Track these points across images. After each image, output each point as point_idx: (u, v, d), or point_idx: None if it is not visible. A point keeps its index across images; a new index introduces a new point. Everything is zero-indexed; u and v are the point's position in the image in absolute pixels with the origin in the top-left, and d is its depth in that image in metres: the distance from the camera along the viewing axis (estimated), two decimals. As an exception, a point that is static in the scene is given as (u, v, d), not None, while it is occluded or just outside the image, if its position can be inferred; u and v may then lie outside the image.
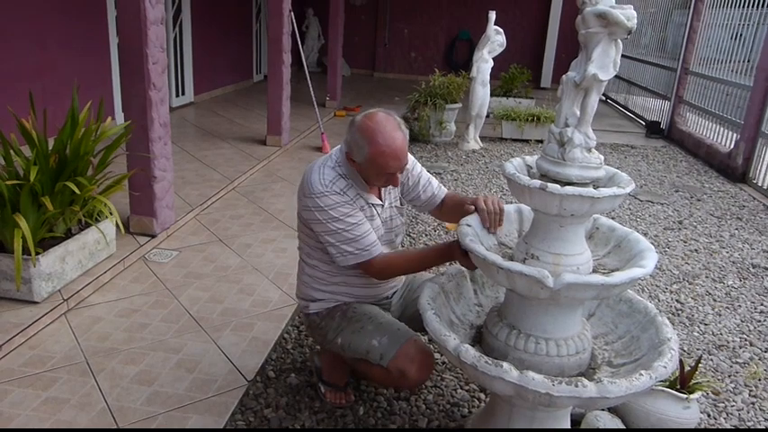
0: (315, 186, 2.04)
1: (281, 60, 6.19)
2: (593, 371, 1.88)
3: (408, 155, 2.28)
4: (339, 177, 2.08)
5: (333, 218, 2.02)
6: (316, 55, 13.18)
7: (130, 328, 2.89)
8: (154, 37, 3.54)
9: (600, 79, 1.64)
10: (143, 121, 3.62)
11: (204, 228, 4.21)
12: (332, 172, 2.08)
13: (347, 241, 2.05)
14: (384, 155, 1.96)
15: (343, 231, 2.04)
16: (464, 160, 6.41)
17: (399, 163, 2.00)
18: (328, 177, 2.06)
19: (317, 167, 2.10)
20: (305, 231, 2.20)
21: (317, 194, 2.03)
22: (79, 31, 5.94)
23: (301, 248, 2.31)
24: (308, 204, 2.06)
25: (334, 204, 2.02)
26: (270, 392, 2.46)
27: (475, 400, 2.47)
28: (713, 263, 4.04)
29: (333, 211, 2.02)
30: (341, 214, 2.03)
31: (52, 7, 5.54)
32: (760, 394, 2.64)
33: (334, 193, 2.04)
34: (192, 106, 8.41)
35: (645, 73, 9.70)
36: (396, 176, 2.05)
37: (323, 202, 2.03)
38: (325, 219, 2.03)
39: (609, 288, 1.64)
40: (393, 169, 2.01)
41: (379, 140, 1.95)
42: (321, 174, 2.07)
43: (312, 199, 2.04)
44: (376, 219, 2.18)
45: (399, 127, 2.01)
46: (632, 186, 1.74)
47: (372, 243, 2.07)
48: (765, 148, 5.99)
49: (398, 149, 1.97)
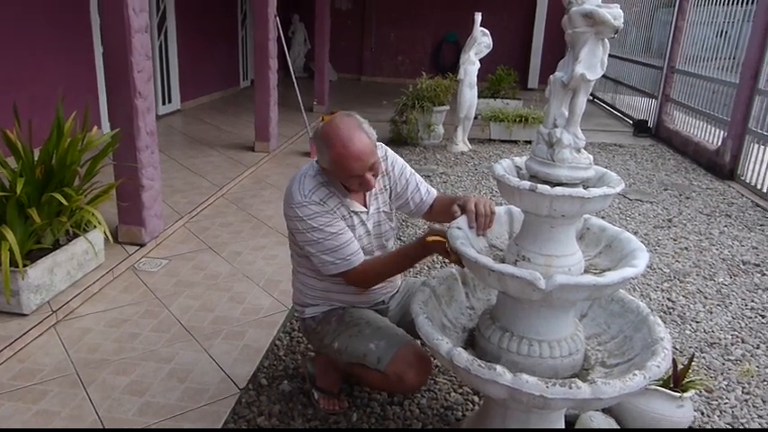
0: (294, 197, 2.03)
1: (267, 66, 6.17)
2: (587, 372, 1.88)
3: (397, 160, 2.27)
4: (320, 186, 2.06)
5: (311, 227, 2.01)
6: (302, 60, 13.17)
7: (121, 338, 2.86)
8: (138, 45, 3.51)
9: (587, 79, 1.64)
10: (129, 129, 3.60)
11: (193, 236, 4.18)
12: (312, 181, 2.06)
13: (326, 251, 2.03)
14: (343, 157, 1.92)
15: (323, 241, 2.02)
16: (453, 162, 6.41)
17: (362, 163, 1.94)
18: (308, 187, 2.04)
19: (298, 177, 2.09)
20: (293, 240, 2.19)
21: (296, 205, 2.02)
22: (64, 41, 5.89)
23: (292, 257, 2.30)
24: (290, 214, 2.06)
25: (312, 214, 2.01)
26: (262, 400, 2.44)
27: (469, 403, 2.46)
28: (703, 260, 4.06)
29: (311, 221, 2.01)
30: (319, 224, 2.01)
31: (36, 17, 5.49)
32: (753, 391, 2.64)
33: (313, 203, 2.02)
34: (178, 114, 8.37)
35: (632, 72, 9.76)
36: (365, 178, 1.98)
37: (302, 212, 2.01)
38: (304, 228, 2.02)
39: (601, 288, 1.64)
40: (357, 171, 1.95)
41: (337, 143, 1.92)
42: (301, 184, 2.05)
43: (292, 209, 2.03)
44: (358, 227, 2.15)
45: (360, 127, 1.97)
46: (622, 186, 1.74)
47: (353, 253, 2.04)
48: (752, 145, 6.03)
49: (358, 150, 1.92)
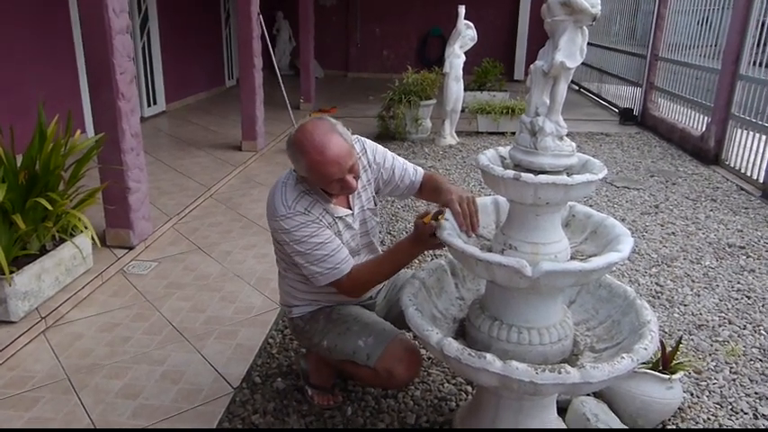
0: (278, 209, 1.99)
1: (251, 64, 6.15)
2: (576, 357, 1.90)
3: (377, 148, 2.24)
4: (303, 195, 2.02)
5: (297, 240, 1.98)
6: (288, 58, 13.12)
7: (112, 342, 2.86)
8: (120, 46, 3.49)
9: (567, 67, 1.65)
10: (114, 132, 3.57)
11: (183, 237, 4.17)
12: (294, 191, 2.02)
13: (315, 262, 2.00)
14: (320, 163, 1.88)
15: (311, 252, 1.99)
16: (441, 156, 6.42)
17: (341, 167, 1.89)
18: (291, 197, 2.00)
19: (279, 186, 2.04)
20: (278, 247, 2.17)
21: (280, 217, 1.98)
22: (44, 45, 5.85)
23: (278, 262, 2.28)
24: (275, 227, 2.03)
25: (298, 225, 1.97)
26: (257, 398, 2.44)
27: (462, 393, 2.48)
28: (690, 245, 4.10)
29: (297, 233, 1.98)
30: (305, 235, 1.98)
31: (14, 21, 5.44)
32: (740, 370, 2.68)
33: (299, 214, 1.98)
34: (164, 115, 8.32)
35: (616, 61, 9.79)
36: (347, 181, 1.94)
37: (287, 224, 1.98)
38: (291, 240, 1.99)
39: (587, 274, 1.65)
40: (337, 175, 1.90)
41: (311, 150, 1.87)
42: (283, 194, 2.01)
43: (276, 221, 2.00)
44: (344, 232, 2.13)
45: (333, 129, 1.91)
46: (605, 172, 1.75)
47: (342, 260, 2.01)
48: (736, 130, 6.08)
49: (334, 155, 1.87)
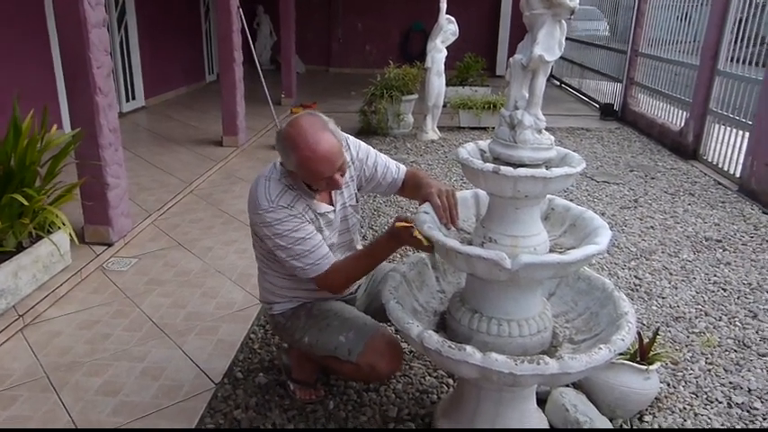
0: (261, 203, 1.98)
1: (231, 59, 6.10)
2: (555, 349, 1.92)
3: (360, 144, 2.24)
4: (286, 190, 2.02)
5: (278, 234, 1.98)
6: (269, 53, 13.04)
7: (92, 339, 2.83)
8: (96, 40, 3.44)
9: (546, 60, 1.66)
10: (91, 127, 3.53)
11: (163, 233, 4.13)
12: (278, 185, 2.02)
13: (296, 256, 2.00)
14: (311, 160, 1.88)
15: (292, 246, 1.99)
16: (423, 151, 6.44)
17: (331, 165, 1.91)
18: (274, 192, 2.00)
19: (262, 181, 2.03)
20: (258, 243, 2.17)
21: (262, 210, 1.98)
22: (17, 40, 5.74)
23: (257, 258, 2.27)
24: (256, 221, 2.02)
25: (279, 219, 1.97)
26: (239, 393, 2.44)
27: (443, 385, 2.49)
28: (668, 238, 4.16)
29: (278, 227, 1.97)
30: (287, 230, 1.98)
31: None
32: (716, 361, 2.73)
33: (281, 208, 1.98)
34: (143, 111, 8.23)
35: (597, 56, 9.88)
36: (335, 179, 1.95)
37: (269, 217, 1.97)
38: (272, 234, 1.99)
39: (565, 266, 1.67)
40: (326, 173, 1.91)
41: (302, 146, 1.87)
42: (267, 188, 2.00)
43: (259, 215, 1.99)
44: (325, 229, 2.13)
45: (325, 127, 1.92)
46: (583, 165, 1.77)
47: (322, 257, 2.01)
48: (714, 125, 6.16)
49: (326, 152, 1.88)
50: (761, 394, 2.50)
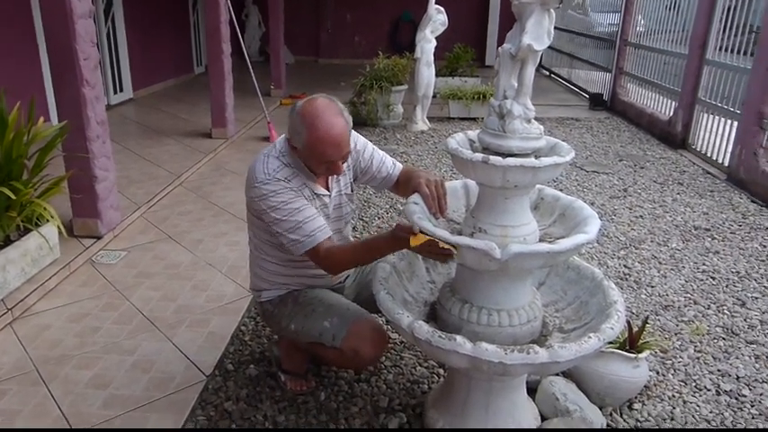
0: (258, 176, 2.01)
1: (220, 50, 6.05)
2: (545, 338, 1.93)
3: (359, 137, 2.26)
4: (283, 166, 2.04)
5: (274, 206, 1.99)
6: (258, 44, 12.94)
7: (82, 333, 2.81)
8: (83, 31, 3.40)
9: (535, 49, 1.66)
10: (78, 120, 3.49)
11: (152, 226, 4.11)
12: (276, 161, 2.04)
13: (292, 229, 2.00)
14: (322, 141, 1.91)
15: (287, 218, 1.99)
16: (413, 141, 6.43)
17: (339, 151, 1.95)
18: (272, 166, 2.02)
19: (261, 158, 2.07)
20: (255, 223, 2.17)
21: (259, 182, 1.99)
22: (2, 31, 5.66)
23: (251, 241, 2.28)
24: (253, 195, 2.03)
25: (275, 192, 1.98)
26: (229, 385, 2.43)
27: (434, 375, 2.50)
28: (657, 227, 4.18)
29: (274, 198, 1.98)
30: (282, 201, 1.98)
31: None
32: (704, 349, 2.75)
33: (277, 181, 2.00)
34: (131, 103, 8.16)
35: (586, 47, 9.88)
36: (337, 164, 2.00)
37: (266, 189, 1.99)
38: (267, 207, 2.00)
39: (555, 255, 1.68)
40: (332, 157, 1.95)
41: (318, 126, 1.90)
42: (265, 164, 2.03)
43: (256, 188, 2.00)
44: (320, 211, 2.12)
45: (341, 113, 1.96)
46: (572, 154, 1.77)
47: (317, 228, 2.00)
48: (702, 115, 6.19)
49: (337, 136, 1.92)
50: (749, 381, 2.53)
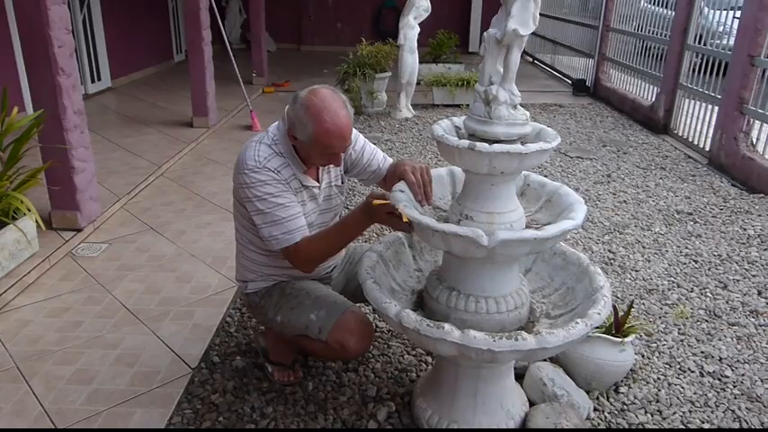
0: (248, 162, 1.97)
1: (200, 37, 5.95)
2: (533, 324, 1.93)
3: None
4: (275, 155, 2.01)
5: (259, 196, 1.96)
6: (239, 31, 12.76)
7: (63, 327, 2.77)
8: (57, 18, 3.31)
9: (520, 34, 1.64)
10: (55, 109, 3.42)
11: (134, 217, 4.05)
12: (268, 149, 2.01)
13: (272, 223, 1.97)
14: (329, 134, 1.89)
15: (270, 211, 1.96)
16: (398, 129, 6.39)
17: (344, 143, 1.94)
18: (263, 154, 1.99)
19: (253, 144, 2.03)
20: (240, 212, 2.14)
21: (249, 169, 1.96)
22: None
23: (237, 230, 2.25)
24: (240, 181, 1.99)
25: (264, 181, 1.96)
26: (216, 378, 2.41)
27: (422, 363, 2.50)
28: (641, 212, 4.21)
29: (261, 188, 1.96)
30: (268, 193, 1.96)
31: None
32: (687, 331, 2.78)
33: (267, 170, 1.97)
34: (110, 92, 8.01)
35: (569, 32, 9.87)
36: (339, 156, 1.99)
37: (254, 177, 1.96)
38: (252, 196, 1.97)
39: (542, 242, 1.67)
40: (337, 149, 1.95)
41: (325, 118, 1.87)
42: (256, 150, 2.00)
43: (245, 175, 1.97)
44: (308, 203, 2.11)
45: (345, 105, 1.95)
46: (558, 140, 1.76)
47: (298, 228, 1.98)
48: (683, 100, 6.23)
49: (344, 128, 1.90)
50: (731, 362, 2.56)
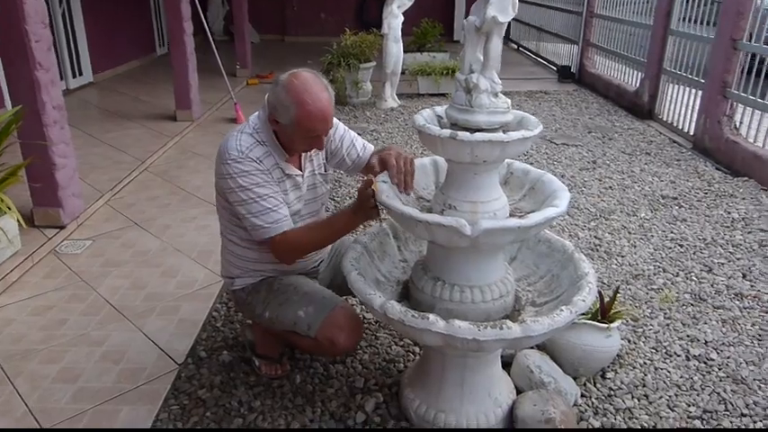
0: (230, 152, 1.96)
1: (181, 29, 5.88)
2: (518, 312, 1.93)
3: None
4: (257, 144, 1.99)
5: (242, 186, 1.94)
6: (222, 23, 12.65)
7: (47, 326, 2.74)
8: (32, 12, 3.26)
9: (499, 21, 1.62)
10: (33, 105, 3.37)
11: (118, 213, 4.01)
12: (249, 138, 2.00)
13: (256, 213, 1.96)
14: (311, 116, 1.88)
15: (253, 202, 1.95)
16: (383, 119, 6.37)
17: (326, 125, 1.94)
18: (245, 144, 1.98)
19: (234, 134, 2.02)
20: (223, 205, 2.12)
21: (231, 160, 1.95)
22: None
23: (222, 223, 2.22)
24: (222, 171, 1.97)
25: (246, 172, 1.94)
26: (203, 373, 2.40)
27: (410, 354, 2.50)
28: (626, 198, 4.22)
29: (246, 178, 1.94)
30: (251, 183, 1.94)
31: None
32: (673, 315, 2.80)
33: (249, 160, 1.95)
34: (92, 87, 7.91)
35: (554, 19, 9.86)
36: (321, 139, 1.98)
37: (237, 167, 1.94)
38: (236, 186, 1.95)
39: (525, 230, 1.66)
40: (319, 132, 1.94)
41: (307, 100, 1.87)
42: (238, 140, 1.98)
43: (226, 165, 1.95)
44: (291, 192, 2.09)
45: (326, 88, 1.94)
46: (540, 128, 1.75)
47: (281, 218, 1.97)
48: (667, 85, 6.25)
49: (325, 110, 1.90)
50: (716, 345, 2.58)
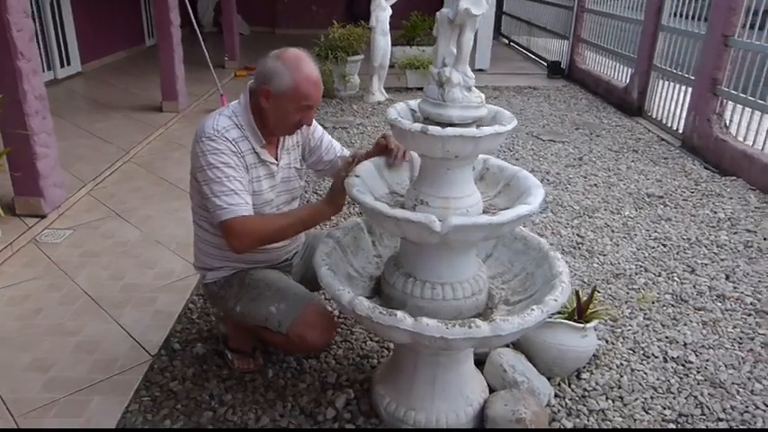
0: (207, 131, 1.95)
1: (168, 20, 5.83)
2: (491, 310, 1.91)
3: None
4: (234, 126, 1.99)
5: (212, 164, 1.92)
6: (211, 14, 12.54)
7: (22, 315, 2.71)
8: (14, 2, 3.23)
9: (473, 14, 1.60)
10: (15, 95, 3.35)
11: (100, 203, 3.97)
12: (227, 120, 2.00)
13: (219, 193, 1.90)
14: (309, 79, 1.93)
15: (221, 180, 1.91)
16: (370, 113, 6.33)
17: (319, 94, 1.99)
18: (222, 124, 1.98)
19: (213, 115, 2.03)
20: (195, 187, 2.08)
21: (207, 137, 1.94)
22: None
23: (193, 210, 2.19)
24: (197, 150, 1.96)
25: (219, 150, 1.93)
26: (176, 365, 2.38)
27: (384, 350, 2.48)
28: (611, 195, 4.21)
29: (215, 156, 1.92)
30: (220, 162, 1.92)
31: None
32: (653, 316, 2.78)
33: (224, 139, 1.95)
34: (80, 77, 7.83)
35: (544, 14, 9.84)
36: (311, 111, 2.01)
37: (210, 145, 1.93)
38: (206, 164, 1.93)
39: (496, 227, 1.64)
40: (314, 100, 1.97)
41: (303, 66, 1.93)
42: (216, 120, 1.99)
43: (201, 143, 1.94)
44: (264, 180, 2.07)
45: (316, 65, 2.02)
46: (514, 123, 1.73)
47: (241, 203, 1.92)
48: (657, 81, 6.24)
49: (318, 78, 1.98)
50: (696, 347, 2.56)
